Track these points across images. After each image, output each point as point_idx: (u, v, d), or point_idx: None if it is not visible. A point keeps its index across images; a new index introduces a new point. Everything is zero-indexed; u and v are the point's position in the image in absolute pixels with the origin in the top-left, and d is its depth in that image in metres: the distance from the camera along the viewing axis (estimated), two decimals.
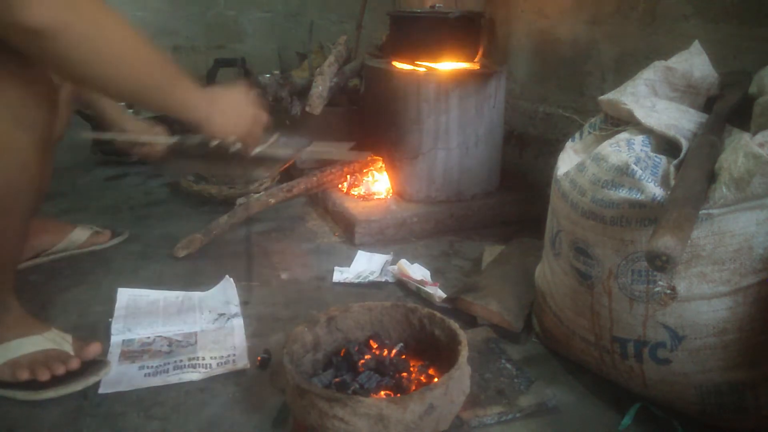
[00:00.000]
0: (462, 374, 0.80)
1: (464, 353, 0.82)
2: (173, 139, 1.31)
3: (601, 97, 1.00)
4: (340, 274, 1.30)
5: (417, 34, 1.59)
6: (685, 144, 0.84)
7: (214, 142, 1.26)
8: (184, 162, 1.33)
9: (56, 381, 0.90)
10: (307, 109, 1.61)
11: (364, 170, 1.64)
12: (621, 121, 0.96)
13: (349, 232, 1.48)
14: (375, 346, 0.93)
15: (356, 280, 1.28)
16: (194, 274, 1.30)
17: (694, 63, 1.01)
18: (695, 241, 0.76)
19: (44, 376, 0.89)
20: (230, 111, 0.99)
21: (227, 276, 1.24)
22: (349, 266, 1.34)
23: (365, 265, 1.34)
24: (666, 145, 0.87)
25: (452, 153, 1.54)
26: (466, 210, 1.56)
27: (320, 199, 1.69)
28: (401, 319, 0.95)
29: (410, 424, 0.73)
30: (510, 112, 1.78)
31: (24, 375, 0.89)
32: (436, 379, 0.86)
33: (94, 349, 0.95)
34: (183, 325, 1.09)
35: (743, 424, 0.81)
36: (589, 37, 1.53)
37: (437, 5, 1.64)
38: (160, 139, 1.35)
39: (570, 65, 1.61)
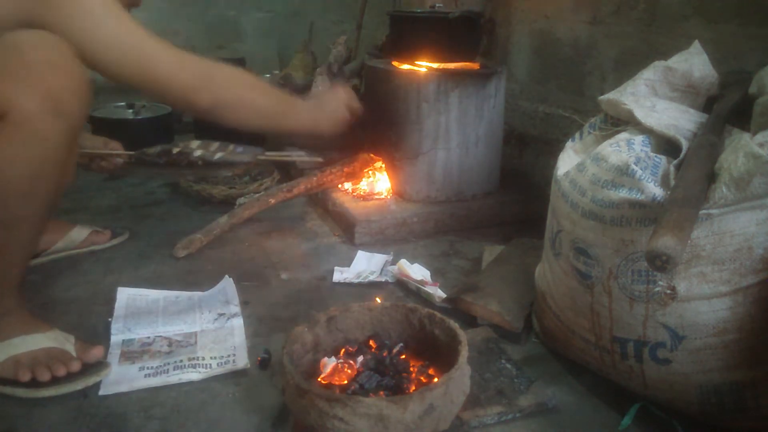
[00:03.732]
0: (462, 374, 0.80)
1: (464, 353, 0.82)
2: (131, 152, 1.39)
3: (601, 97, 1.00)
4: (340, 274, 1.30)
5: (417, 34, 1.59)
6: (685, 144, 0.83)
7: (176, 150, 1.39)
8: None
9: (57, 380, 0.90)
10: None
11: (365, 170, 1.64)
12: (621, 121, 0.96)
13: (349, 232, 1.48)
14: (375, 346, 0.93)
15: (356, 280, 1.28)
16: (194, 274, 1.30)
17: (694, 63, 1.01)
18: (695, 241, 0.76)
19: (44, 376, 0.89)
20: (330, 115, 1.34)
21: (227, 276, 1.24)
22: (349, 266, 1.34)
23: (365, 265, 1.34)
24: (666, 145, 0.87)
25: (452, 153, 1.54)
26: (466, 210, 1.56)
27: (320, 199, 1.69)
28: (401, 319, 0.95)
29: (410, 424, 0.73)
30: (510, 112, 1.78)
31: (25, 376, 0.89)
32: (436, 379, 0.86)
33: (96, 352, 0.95)
34: (183, 325, 1.09)
35: (743, 424, 0.81)
36: (589, 37, 1.53)
37: (437, 5, 1.64)
38: (119, 153, 1.42)
39: (570, 65, 1.61)
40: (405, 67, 1.57)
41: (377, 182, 1.65)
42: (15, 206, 0.87)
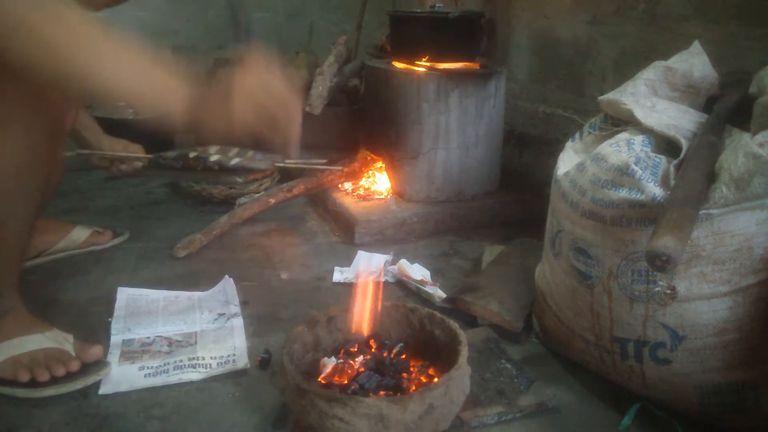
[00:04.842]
0: (462, 374, 0.80)
1: (464, 353, 0.82)
2: (150, 155, 1.40)
3: (601, 97, 1.00)
4: (340, 274, 1.30)
5: (417, 34, 1.59)
6: (685, 144, 0.84)
7: (193, 154, 1.37)
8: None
9: (56, 380, 0.90)
10: (307, 109, 1.61)
11: (365, 171, 1.64)
12: (621, 121, 0.96)
13: (349, 232, 1.48)
14: (375, 346, 0.93)
15: (356, 280, 1.28)
16: (194, 274, 1.30)
17: (694, 63, 1.01)
18: (695, 241, 0.76)
19: (43, 377, 0.89)
20: (235, 116, 0.79)
21: (227, 276, 1.24)
22: (349, 266, 1.34)
23: (365, 265, 1.34)
24: (666, 145, 0.87)
25: (452, 153, 1.54)
26: (466, 210, 1.56)
27: (320, 199, 1.69)
28: (401, 319, 0.95)
29: (410, 424, 0.73)
30: (510, 112, 1.78)
31: (25, 376, 0.89)
32: (436, 379, 0.86)
33: (95, 352, 0.95)
34: (183, 325, 1.09)
35: (743, 424, 0.81)
36: (589, 37, 1.53)
37: (437, 5, 1.64)
38: (138, 156, 1.42)
39: (570, 65, 1.61)
40: (405, 67, 1.57)
41: (377, 182, 1.65)
42: (2, 203, 0.87)
